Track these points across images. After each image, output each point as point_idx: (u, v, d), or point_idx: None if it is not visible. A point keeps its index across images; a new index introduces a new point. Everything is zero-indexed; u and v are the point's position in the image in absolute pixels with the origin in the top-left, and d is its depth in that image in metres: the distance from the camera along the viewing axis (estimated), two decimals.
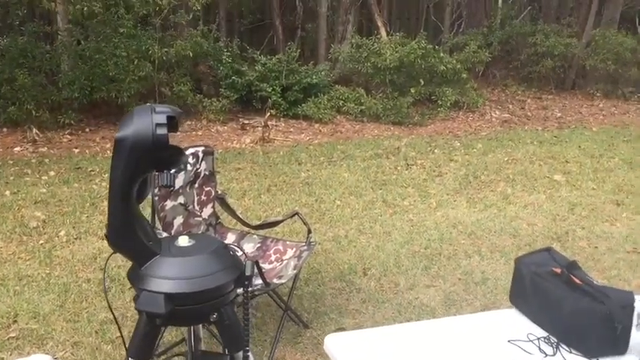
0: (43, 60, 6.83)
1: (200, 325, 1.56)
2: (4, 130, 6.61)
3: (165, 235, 2.50)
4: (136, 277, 1.33)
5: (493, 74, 10.55)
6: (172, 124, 1.29)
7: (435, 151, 6.31)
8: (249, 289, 1.39)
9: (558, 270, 1.86)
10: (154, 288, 1.29)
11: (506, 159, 6.00)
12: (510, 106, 8.98)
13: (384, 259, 3.63)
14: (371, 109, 7.73)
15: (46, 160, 5.65)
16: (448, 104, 7.97)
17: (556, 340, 1.77)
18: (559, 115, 8.59)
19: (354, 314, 2.99)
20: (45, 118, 6.52)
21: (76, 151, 6.08)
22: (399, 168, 5.63)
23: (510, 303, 2.02)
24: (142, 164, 1.29)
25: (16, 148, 6.08)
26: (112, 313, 1.53)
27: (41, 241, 3.79)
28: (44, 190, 4.74)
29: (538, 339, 1.78)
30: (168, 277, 1.30)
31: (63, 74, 6.87)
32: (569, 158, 6.05)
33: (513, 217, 4.40)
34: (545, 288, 1.85)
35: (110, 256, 1.42)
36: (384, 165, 5.71)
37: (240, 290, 1.42)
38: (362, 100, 7.88)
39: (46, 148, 6.13)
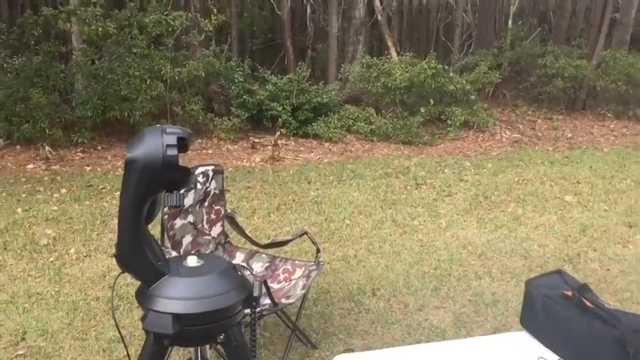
0: (58, 79, 6.92)
1: (207, 346, 1.55)
2: (18, 147, 6.70)
3: (174, 253, 2.51)
4: (143, 297, 1.33)
5: (503, 94, 10.54)
6: (182, 144, 1.31)
7: (445, 170, 6.30)
8: (257, 309, 1.39)
9: (569, 293, 1.84)
10: (162, 308, 1.29)
11: (516, 179, 5.97)
12: (521, 127, 8.95)
13: (393, 279, 3.61)
14: (381, 129, 7.75)
15: (58, 178, 5.71)
16: (458, 124, 7.97)
17: None
18: (570, 135, 8.56)
19: (362, 335, 2.97)
20: (58, 137, 6.60)
21: (88, 168, 6.13)
22: (408, 187, 5.61)
23: (521, 326, 2.00)
24: (152, 185, 1.30)
25: (29, 166, 6.15)
26: (120, 333, 1.54)
27: (51, 259, 3.81)
28: (55, 208, 4.78)
29: None
30: (176, 297, 1.30)
31: (77, 93, 6.96)
32: (580, 179, 6.01)
33: (524, 238, 4.37)
34: (556, 311, 1.83)
35: (119, 275, 1.42)
36: (393, 184, 5.70)
37: (247, 311, 1.42)
38: (372, 120, 7.90)
39: (58, 165, 6.20)
